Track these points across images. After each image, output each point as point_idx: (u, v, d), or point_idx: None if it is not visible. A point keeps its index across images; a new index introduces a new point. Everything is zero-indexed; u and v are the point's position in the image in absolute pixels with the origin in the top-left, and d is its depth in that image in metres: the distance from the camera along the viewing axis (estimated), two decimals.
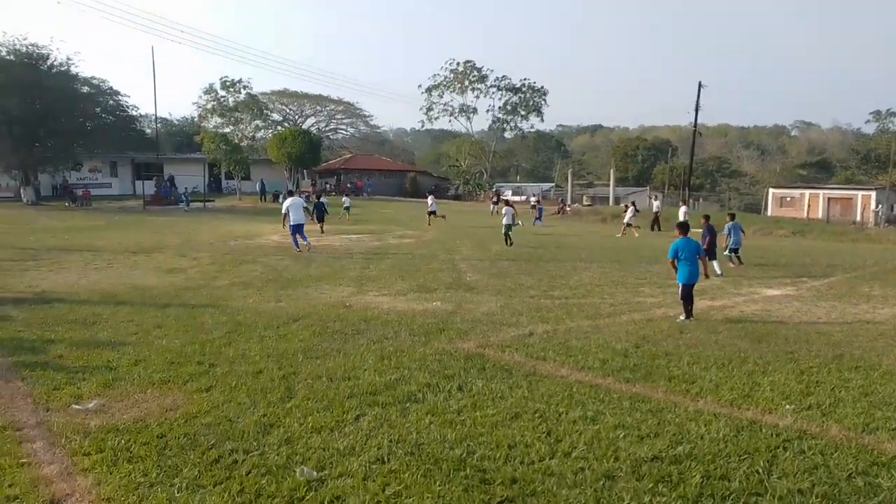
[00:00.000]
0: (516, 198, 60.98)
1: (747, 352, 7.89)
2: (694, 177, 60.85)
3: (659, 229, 30.62)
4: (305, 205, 19.66)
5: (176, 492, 4.11)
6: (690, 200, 56.35)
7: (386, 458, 4.63)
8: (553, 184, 69.92)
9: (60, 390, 6.08)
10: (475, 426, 5.26)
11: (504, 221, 21.15)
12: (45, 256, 16.35)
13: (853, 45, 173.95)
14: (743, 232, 17.67)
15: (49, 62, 38.50)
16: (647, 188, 59.91)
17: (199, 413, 5.49)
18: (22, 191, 39.70)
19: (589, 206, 52.30)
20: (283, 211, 18.83)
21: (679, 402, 5.94)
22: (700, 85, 50.92)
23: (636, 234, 28.24)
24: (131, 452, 4.71)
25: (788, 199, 58.52)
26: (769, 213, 56.20)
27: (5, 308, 9.97)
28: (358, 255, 17.82)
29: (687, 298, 9.87)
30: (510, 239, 20.83)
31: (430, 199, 33.46)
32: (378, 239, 22.95)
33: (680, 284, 9.88)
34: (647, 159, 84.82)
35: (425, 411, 5.58)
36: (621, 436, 5.10)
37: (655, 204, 33.79)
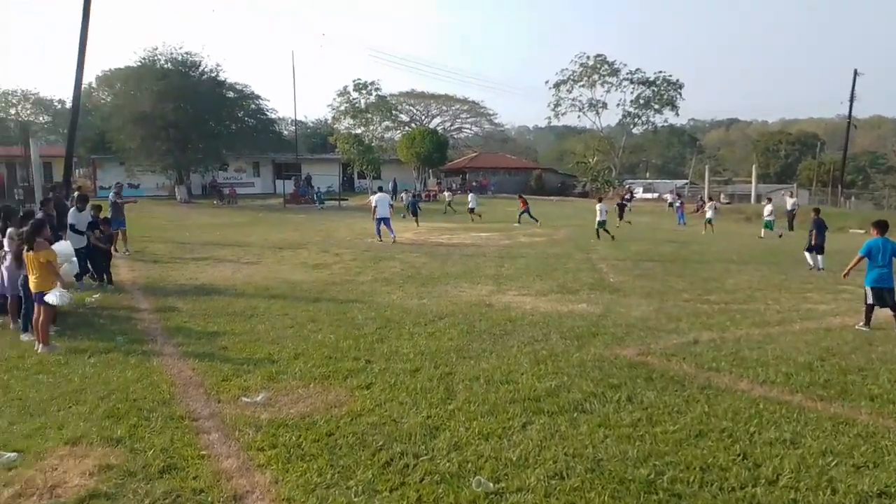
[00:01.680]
0: (647, 195, 58.74)
1: None
2: (845, 173, 55.90)
3: (792, 229, 28.31)
4: (392, 202, 21.53)
5: (353, 496, 3.99)
6: (842, 199, 51.88)
7: (565, 474, 4.29)
8: (686, 181, 66.62)
9: (229, 381, 6.25)
10: (656, 443, 4.80)
11: (598, 218, 21.81)
12: (201, 251, 17.41)
13: None
14: None
15: (200, 69, 41.35)
16: (794, 185, 55.54)
17: (363, 411, 5.42)
18: (176, 189, 42.88)
19: (728, 203, 49.27)
20: (372, 204, 20.68)
21: (891, 427, 5.16)
22: (856, 73, 46.67)
23: (709, 231, 26.71)
24: (303, 450, 4.67)
25: None
26: None
27: (171, 299, 10.60)
28: (491, 254, 17.58)
29: (870, 303, 8.94)
30: (608, 232, 21.56)
31: (470, 196, 33.37)
32: (508, 237, 22.63)
33: (867, 287, 8.98)
34: (790, 154, 79.00)
35: (597, 423, 5.18)
36: (832, 464, 4.46)
37: (790, 202, 31.41)
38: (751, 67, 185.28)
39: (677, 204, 34.45)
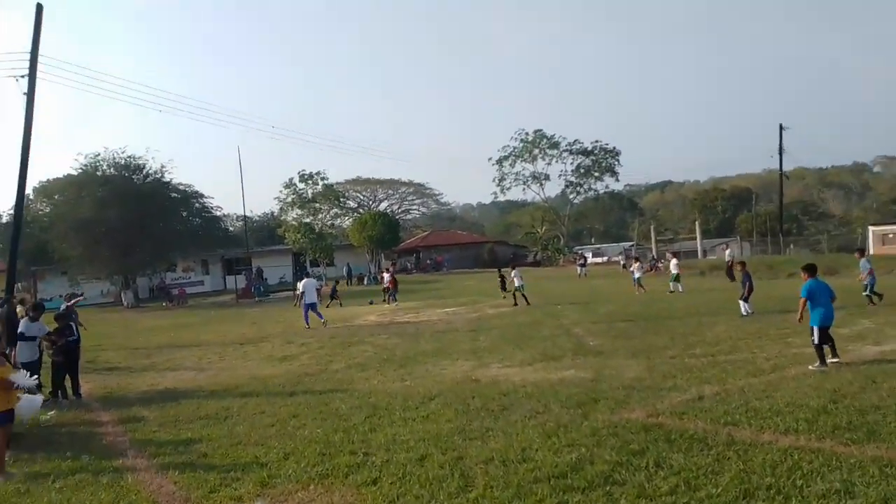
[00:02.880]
0: (597, 259, 59.76)
1: None
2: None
3: (732, 279, 28.85)
4: (317, 286, 21.79)
5: None
6: (783, 246, 53.83)
7: None
8: (632, 243, 68.25)
9: (217, 493, 5.62)
10: None
11: (516, 283, 22.29)
12: (158, 355, 16.47)
13: None
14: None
15: (144, 172, 40.73)
16: (737, 237, 57.57)
17: None
18: (122, 295, 41.32)
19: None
20: (300, 290, 20.74)
21: None
22: (782, 127, 49.46)
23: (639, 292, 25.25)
24: None
25: (891, 235, 54.79)
26: (871, 251, 52.64)
27: (135, 408, 9.79)
28: (462, 328, 17.22)
29: (823, 342, 9.21)
30: (525, 297, 22.08)
31: (385, 276, 30.36)
32: (475, 311, 22.31)
33: (815, 328, 9.24)
34: (727, 209, 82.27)
35: (635, 494, 4.78)
36: None
37: (727, 254, 33.39)
38: (673, 133, 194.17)
39: (632, 267, 35.01)
